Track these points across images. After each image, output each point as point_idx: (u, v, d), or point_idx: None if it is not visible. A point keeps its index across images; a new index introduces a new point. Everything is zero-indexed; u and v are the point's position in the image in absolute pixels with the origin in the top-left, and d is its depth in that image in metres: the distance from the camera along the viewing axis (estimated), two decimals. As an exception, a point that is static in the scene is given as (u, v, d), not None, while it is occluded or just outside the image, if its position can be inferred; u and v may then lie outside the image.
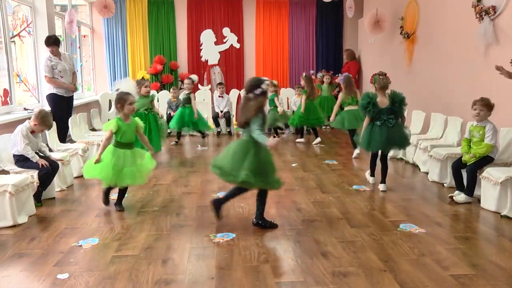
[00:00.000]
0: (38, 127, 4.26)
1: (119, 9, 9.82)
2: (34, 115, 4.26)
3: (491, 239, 3.34)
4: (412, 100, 7.01)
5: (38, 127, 4.26)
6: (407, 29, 7.29)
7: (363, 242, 3.25)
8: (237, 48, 10.42)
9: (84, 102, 8.29)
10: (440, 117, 5.88)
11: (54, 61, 6.07)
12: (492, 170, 3.97)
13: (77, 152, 5.26)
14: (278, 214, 3.91)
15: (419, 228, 3.53)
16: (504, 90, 4.70)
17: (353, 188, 4.73)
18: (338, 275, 2.73)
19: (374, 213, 3.92)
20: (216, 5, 10.32)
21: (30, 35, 6.91)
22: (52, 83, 6.08)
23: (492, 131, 4.09)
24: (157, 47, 10.17)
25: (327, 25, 10.74)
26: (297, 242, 3.27)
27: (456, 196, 4.24)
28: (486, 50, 5.11)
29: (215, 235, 3.41)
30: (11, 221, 3.62)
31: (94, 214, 3.95)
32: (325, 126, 9.41)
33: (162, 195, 4.52)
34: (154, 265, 2.90)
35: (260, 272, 2.80)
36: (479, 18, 5.15)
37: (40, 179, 4.15)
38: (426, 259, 2.95)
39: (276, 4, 10.55)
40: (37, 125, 4.23)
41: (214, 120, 8.52)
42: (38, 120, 4.23)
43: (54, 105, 6.16)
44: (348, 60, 9.86)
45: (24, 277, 2.77)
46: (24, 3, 6.70)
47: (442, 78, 6.18)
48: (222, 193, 4.55)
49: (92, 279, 2.71)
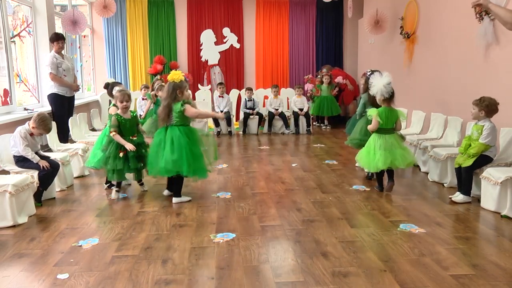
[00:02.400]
0: (37, 130, 4.22)
1: (119, 9, 9.83)
2: (33, 118, 4.21)
3: (491, 239, 3.34)
4: (412, 100, 7.03)
5: (37, 130, 4.22)
6: (407, 29, 7.29)
7: (363, 242, 3.25)
8: (237, 48, 10.42)
9: (84, 102, 8.29)
10: (440, 117, 5.88)
11: (59, 59, 6.07)
12: (492, 170, 3.97)
13: (77, 152, 5.26)
14: (278, 214, 3.91)
15: (419, 228, 3.53)
16: (504, 90, 4.70)
17: (353, 188, 4.73)
18: (338, 275, 2.73)
19: (374, 213, 3.92)
20: (216, 5, 10.32)
21: (30, 35, 6.92)
22: (57, 81, 6.07)
23: (488, 131, 4.09)
24: (157, 47, 10.18)
25: (327, 25, 10.75)
26: (297, 242, 3.27)
27: (455, 196, 4.25)
28: (486, 50, 5.11)
29: (215, 235, 3.41)
30: (11, 221, 3.62)
31: (94, 214, 3.95)
32: (325, 127, 9.42)
33: (162, 195, 4.52)
34: (154, 265, 2.90)
35: (260, 272, 2.80)
36: (479, 18, 5.15)
37: (40, 179, 4.15)
38: (426, 259, 2.95)
39: (276, 4, 10.55)
40: (35, 128, 4.19)
41: (214, 120, 8.52)
42: (37, 124, 4.18)
43: (55, 105, 6.16)
44: None
45: (24, 277, 2.77)
46: (24, 3, 6.70)
47: (442, 78, 6.18)
48: (222, 193, 4.57)
49: (92, 279, 2.71)
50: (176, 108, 4.11)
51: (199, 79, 10.26)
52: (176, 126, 4.14)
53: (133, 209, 4.08)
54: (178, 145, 4.06)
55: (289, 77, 10.78)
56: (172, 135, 4.10)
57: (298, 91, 8.95)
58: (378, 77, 4.48)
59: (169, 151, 4.04)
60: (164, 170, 4.08)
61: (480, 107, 4.12)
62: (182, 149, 4.05)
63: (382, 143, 4.40)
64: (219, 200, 4.33)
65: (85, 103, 8.34)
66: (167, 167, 4.04)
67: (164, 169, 4.06)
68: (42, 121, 4.21)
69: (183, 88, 4.17)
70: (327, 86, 9.22)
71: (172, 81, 4.17)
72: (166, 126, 4.18)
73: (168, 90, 4.17)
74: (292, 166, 5.79)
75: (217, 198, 4.41)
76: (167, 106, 4.14)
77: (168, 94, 4.16)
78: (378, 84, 4.45)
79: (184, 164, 4.03)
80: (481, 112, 4.12)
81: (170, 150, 4.04)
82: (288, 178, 5.18)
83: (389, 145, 4.40)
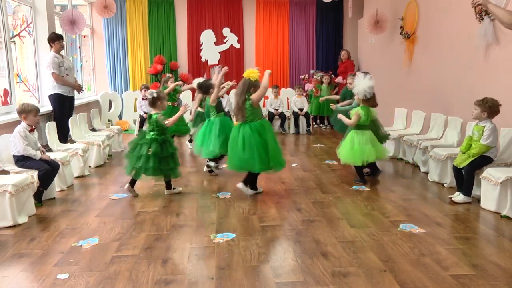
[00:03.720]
0: (30, 119, 4.23)
1: (119, 9, 9.83)
2: (19, 113, 4.24)
3: (491, 239, 3.34)
4: (412, 100, 7.03)
5: (30, 119, 4.23)
6: (407, 29, 7.28)
7: (363, 242, 3.25)
8: (237, 48, 10.42)
9: (84, 102, 8.30)
10: (440, 117, 5.88)
11: (60, 59, 6.07)
12: (492, 170, 3.97)
13: (77, 152, 5.26)
14: (278, 214, 3.91)
15: (419, 228, 3.53)
16: (504, 90, 4.70)
17: (353, 188, 4.73)
18: (338, 275, 2.73)
19: (374, 213, 3.92)
20: (216, 5, 10.33)
21: (30, 35, 6.91)
22: (60, 81, 6.06)
23: (489, 132, 4.08)
24: (157, 47, 10.18)
25: (327, 25, 10.75)
26: (297, 242, 3.27)
27: (455, 196, 4.25)
28: (486, 50, 5.11)
29: (215, 235, 3.41)
30: (11, 221, 3.62)
31: (94, 214, 3.95)
32: (325, 127, 9.42)
33: (162, 195, 4.52)
34: (154, 265, 2.90)
35: (260, 272, 2.80)
36: (479, 18, 5.15)
37: (40, 179, 4.15)
38: (426, 259, 2.95)
39: (276, 4, 10.55)
40: (27, 118, 4.21)
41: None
42: (25, 113, 4.20)
43: (58, 105, 6.15)
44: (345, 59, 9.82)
45: (24, 277, 2.77)
46: (24, 3, 6.70)
47: (442, 78, 6.18)
48: (222, 193, 4.57)
49: (92, 279, 2.71)
50: (247, 104, 4.22)
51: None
52: (248, 123, 4.23)
53: (133, 209, 4.08)
54: (249, 144, 4.17)
55: (289, 77, 10.78)
56: (243, 134, 4.21)
57: (298, 91, 8.96)
58: (362, 79, 4.85)
59: (241, 149, 4.18)
60: (238, 167, 4.29)
61: (483, 108, 4.11)
62: (254, 148, 4.15)
63: (362, 139, 4.76)
64: (219, 200, 4.33)
65: (85, 103, 8.34)
66: (241, 165, 4.25)
67: (238, 166, 4.28)
68: (24, 109, 4.22)
69: (257, 87, 4.27)
70: (327, 86, 9.22)
71: (248, 78, 4.25)
72: (241, 123, 4.28)
73: (242, 86, 4.25)
74: (292, 166, 5.79)
75: (217, 198, 4.41)
76: (241, 102, 4.22)
77: (243, 91, 4.23)
78: (361, 85, 4.79)
79: (256, 163, 4.15)
80: (483, 113, 4.11)
81: (242, 148, 4.17)
82: (288, 178, 5.18)
83: (369, 140, 4.78)
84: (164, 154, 4.29)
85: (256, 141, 4.15)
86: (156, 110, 4.37)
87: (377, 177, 5.13)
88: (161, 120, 4.28)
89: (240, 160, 4.20)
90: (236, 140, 4.23)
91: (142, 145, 4.30)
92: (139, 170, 4.29)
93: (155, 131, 4.31)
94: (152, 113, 4.35)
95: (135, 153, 4.29)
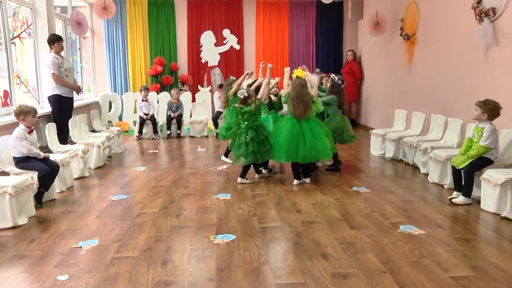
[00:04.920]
0: (28, 120, 4.23)
1: (119, 10, 9.84)
2: (16, 116, 4.24)
3: (491, 241, 3.34)
4: (412, 101, 7.03)
5: (28, 120, 4.23)
6: (407, 31, 7.29)
7: (363, 244, 3.25)
8: (237, 49, 10.43)
9: (84, 103, 8.30)
10: (440, 118, 5.88)
11: (60, 60, 6.08)
12: (492, 171, 3.97)
13: (77, 154, 5.26)
14: (278, 215, 3.91)
15: (419, 229, 3.53)
16: (504, 91, 4.70)
17: (353, 190, 4.73)
18: (338, 277, 2.73)
19: (374, 215, 3.92)
20: (216, 7, 10.33)
21: (30, 37, 6.92)
22: (59, 82, 6.06)
23: (488, 133, 4.07)
24: (157, 48, 10.18)
25: (327, 26, 10.75)
26: (297, 244, 3.27)
27: (454, 197, 4.25)
28: (486, 51, 5.11)
29: (215, 237, 3.41)
30: (11, 223, 3.62)
31: (94, 216, 3.95)
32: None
33: (162, 196, 4.52)
34: (154, 266, 2.90)
35: (260, 273, 2.80)
36: (479, 19, 5.15)
37: (40, 180, 4.15)
38: (426, 261, 2.95)
39: (276, 6, 10.56)
40: (25, 119, 4.21)
41: (214, 122, 8.53)
42: (22, 115, 4.20)
43: (58, 106, 6.15)
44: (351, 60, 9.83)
45: (24, 278, 2.77)
46: (24, 4, 6.71)
47: (442, 80, 6.18)
48: (222, 194, 4.57)
49: (92, 280, 2.71)
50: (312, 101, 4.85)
51: (199, 80, 10.26)
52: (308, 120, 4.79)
53: (133, 211, 4.08)
54: (319, 134, 4.74)
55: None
56: (310, 127, 4.75)
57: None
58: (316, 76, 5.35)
59: (313, 140, 4.68)
60: (303, 157, 4.71)
61: (484, 109, 4.10)
62: (323, 137, 4.75)
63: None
64: (219, 202, 4.33)
65: (85, 104, 8.35)
66: (309, 154, 4.70)
67: (304, 156, 4.70)
68: (23, 109, 4.22)
69: (306, 86, 4.85)
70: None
71: (300, 77, 4.81)
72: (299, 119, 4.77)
73: (298, 86, 4.80)
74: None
75: (217, 199, 4.41)
76: (311, 101, 4.81)
77: (301, 90, 4.78)
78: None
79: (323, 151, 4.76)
80: (484, 115, 4.11)
81: (315, 139, 4.69)
82: (288, 179, 5.18)
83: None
84: (260, 138, 4.79)
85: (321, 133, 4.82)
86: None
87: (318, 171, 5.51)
88: (253, 108, 4.80)
89: (311, 150, 4.66)
90: (301, 134, 4.71)
91: (240, 134, 4.86)
92: (241, 157, 4.82)
93: (249, 120, 4.81)
94: (243, 107, 4.85)
95: (236, 142, 4.86)
